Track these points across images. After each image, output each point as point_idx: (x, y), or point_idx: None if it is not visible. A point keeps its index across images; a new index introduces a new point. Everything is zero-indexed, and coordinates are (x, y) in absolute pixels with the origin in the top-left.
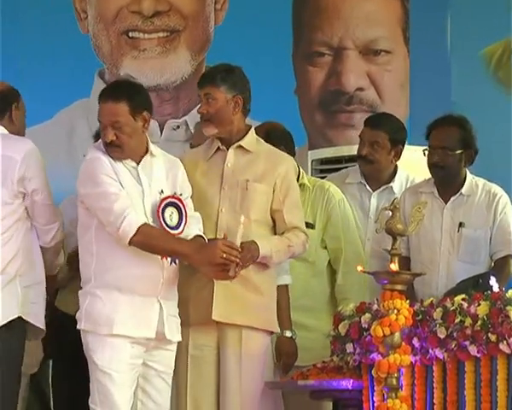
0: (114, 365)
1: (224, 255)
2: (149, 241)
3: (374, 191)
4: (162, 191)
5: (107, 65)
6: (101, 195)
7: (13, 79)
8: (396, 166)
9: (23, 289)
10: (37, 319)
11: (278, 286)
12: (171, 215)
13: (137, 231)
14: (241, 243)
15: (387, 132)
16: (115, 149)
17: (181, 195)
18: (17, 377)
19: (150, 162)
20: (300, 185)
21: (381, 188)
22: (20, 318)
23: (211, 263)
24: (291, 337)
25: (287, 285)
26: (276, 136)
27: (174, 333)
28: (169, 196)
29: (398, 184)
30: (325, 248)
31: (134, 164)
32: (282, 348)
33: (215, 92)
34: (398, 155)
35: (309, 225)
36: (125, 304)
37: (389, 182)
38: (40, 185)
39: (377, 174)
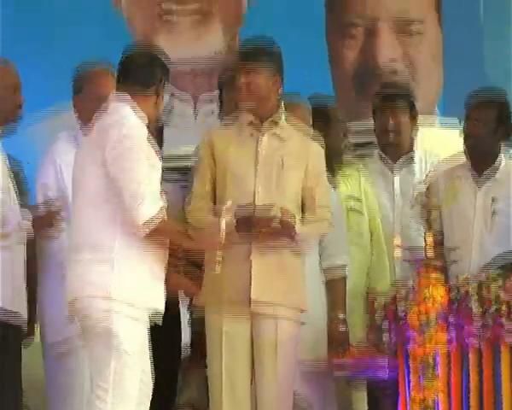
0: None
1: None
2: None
3: (395, 162)
4: None
5: (137, 38)
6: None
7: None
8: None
9: None
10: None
11: (336, 271)
12: None
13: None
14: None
15: (407, 102)
16: None
17: None
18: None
19: None
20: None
21: (402, 159)
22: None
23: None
24: (344, 319)
25: (344, 278)
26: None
27: None
28: None
29: (417, 155)
30: None
31: None
32: (334, 331)
33: (258, 67)
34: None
35: (358, 210)
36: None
37: (408, 152)
38: None
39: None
